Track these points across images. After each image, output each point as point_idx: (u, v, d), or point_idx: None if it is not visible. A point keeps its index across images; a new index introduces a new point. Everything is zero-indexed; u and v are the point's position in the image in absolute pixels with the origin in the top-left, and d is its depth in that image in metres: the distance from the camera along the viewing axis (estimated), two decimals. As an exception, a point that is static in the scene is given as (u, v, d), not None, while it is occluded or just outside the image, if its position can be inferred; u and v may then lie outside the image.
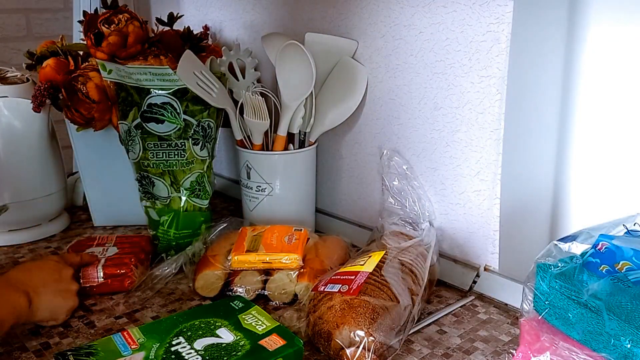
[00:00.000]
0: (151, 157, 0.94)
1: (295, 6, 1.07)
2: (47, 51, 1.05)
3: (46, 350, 0.74)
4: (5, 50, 1.44)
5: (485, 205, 0.85)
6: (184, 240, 0.98)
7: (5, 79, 1.07)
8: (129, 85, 0.93)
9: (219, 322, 0.72)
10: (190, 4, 1.33)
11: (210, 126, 0.97)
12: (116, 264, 0.88)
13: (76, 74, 0.98)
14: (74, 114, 0.99)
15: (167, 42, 1.04)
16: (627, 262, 0.58)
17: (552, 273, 0.58)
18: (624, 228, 0.63)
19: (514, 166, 0.82)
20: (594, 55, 0.77)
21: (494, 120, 0.81)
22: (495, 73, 0.79)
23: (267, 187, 0.99)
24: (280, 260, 0.83)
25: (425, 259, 0.82)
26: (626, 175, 0.77)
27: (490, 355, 0.71)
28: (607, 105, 0.77)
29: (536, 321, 0.59)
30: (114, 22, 0.97)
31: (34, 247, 1.06)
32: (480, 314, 0.81)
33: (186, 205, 0.97)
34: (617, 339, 0.51)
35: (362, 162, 1.03)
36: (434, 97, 0.88)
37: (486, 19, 0.78)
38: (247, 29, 1.20)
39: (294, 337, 0.69)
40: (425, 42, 0.87)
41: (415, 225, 0.91)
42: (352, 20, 0.98)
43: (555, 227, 0.85)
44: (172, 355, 0.65)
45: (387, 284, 0.73)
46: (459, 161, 0.87)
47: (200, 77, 0.93)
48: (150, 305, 0.85)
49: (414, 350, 0.73)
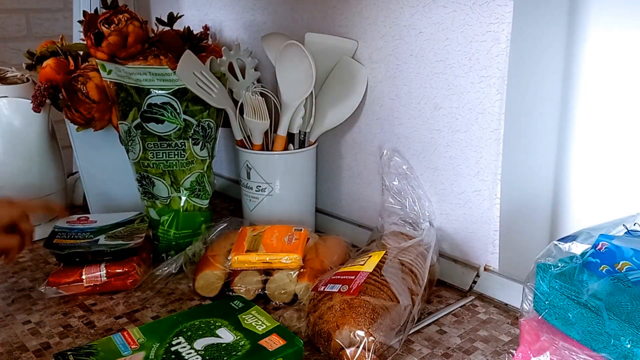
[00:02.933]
0: (151, 157, 0.94)
1: (295, 6, 1.07)
2: (47, 51, 1.05)
3: (46, 350, 0.74)
4: (5, 50, 1.44)
5: (485, 205, 0.85)
6: (184, 240, 0.98)
7: (5, 79, 1.07)
8: (129, 85, 0.93)
9: (219, 322, 0.72)
10: (190, 4, 1.33)
11: (210, 126, 0.97)
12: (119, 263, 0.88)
13: (76, 74, 0.98)
14: (74, 114, 0.99)
15: (167, 42, 1.05)
16: (627, 262, 0.58)
17: (552, 273, 0.58)
18: (624, 228, 0.63)
19: (514, 166, 0.82)
20: (594, 55, 0.77)
21: (494, 120, 0.81)
22: (495, 73, 0.79)
23: (267, 187, 0.99)
24: (280, 260, 0.83)
25: (425, 259, 0.82)
26: (626, 175, 0.77)
27: (490, 355, 0.71)
28: (607, 105, 0.77)
29: (536, 321, 0.59)
30: (114, 22, 0.97)
31: (34, 247, 1.05)
32: (480, 314, 0.81)
33: (186, 205, 0.97)
34: (617, 339, 0.51)
35: (362, 162, 1.03)
36: (434, 97, 0.88)
37: (486, 19, 0.78)
38: (247, 29, 1.20)
39: (294, 337, 0.69)
40: (425, 42, 0.87)
41: (415, 225, 0.91)
42: (352, 20, 0.98)
43: (555, 227, 0.85)
44: (172, 355, 0.65)
45: (387, 284, 0.73)
46: (459, 161, 0.87)
47: (200, 77, 0.93)
48: (150, 305, 0.85)
49: (414, 350, 0.73)
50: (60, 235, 0.92)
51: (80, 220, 0.97)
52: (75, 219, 0.97)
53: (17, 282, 0.93)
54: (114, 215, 0.99)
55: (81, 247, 0.88)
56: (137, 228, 0.94)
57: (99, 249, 0.88)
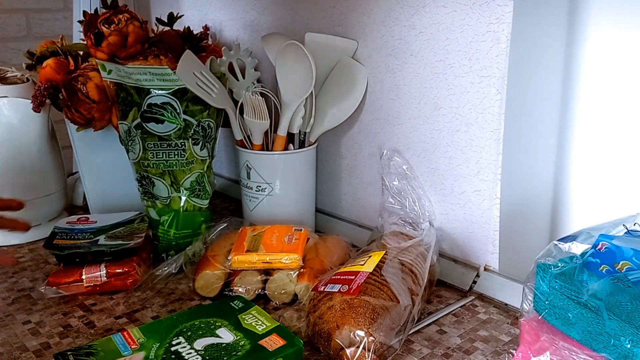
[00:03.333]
0: (151, 157, 0.94)
1: (295, 6, 1.07)
2: (47, 51, 1.05)
3: (46, 350, 0.74)
4: (5, 50, 1.44)
5: (485, 205, 0.85)
6: (184, 240, 0.98)
7: (5, 79, 1.07)
8: (129, 85, 0.93)
9: (219, 322, 0.72)
10: (190, 4, 1.33)
11: (210, 126, 0.97)
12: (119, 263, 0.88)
13: (76, 74, 0.98)
14: (74, 114, 0.99)
15: (167, 42, 1.05)
16: (627, 262, 0.58)
17: (552, 273, 0.58)
18: (624, 228, 0.63)
19: (514, 166, 0.82)
20: (594, 55, 0.76)
21: (494, 120, 0.81)
22: (495, 73, 0.79)
23: (267, 187, 0.99)
24: (280, 260, 0.83)
25: (425, 259, 0.82)
26: (626, 175, 0.77)
27: (490, 355, 0.71)
28: (607, 105, 0.77)
29: (536, 321, 0.59)
30: (114, 22, 0.97)
31: (34, 247, 1.06)
32: (480, 314, 0.81)
33: (186, 205, 0.97)
34: (617, 339, 0.51)
35: (362, 162, 1.03)
36: (434, 97, 0.88)
37: (486, 19, 0.78)
38: (247, 29, 1.20)
39: (294, 337, 0.69)
40: (425, 42, 0.87)
41: (415, 225, 0.91)
42: (352, 20, 0.98)
43: (555, 227, 0.85)
44: (172, 355, 0.65)
45: (387, 284, 0.73)
46: (459, 161, 0.87)
47: (200, 77, 0.93)
48: (150, 305, 0.85)
49: (414, 350, 0.73)
50: (60, 235, 0.92)
51: (80, 220, 0.97)
52: (75, 219, 0.97)
53: (17, 282, 0.93)
54: (114, 215, 0.99)
55: (81, 247, 0.88)
56: (137, 228, 0.94)
57: (99, 249, 0.88)
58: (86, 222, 0.96)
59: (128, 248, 0.88)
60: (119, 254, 0.88)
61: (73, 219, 0.98)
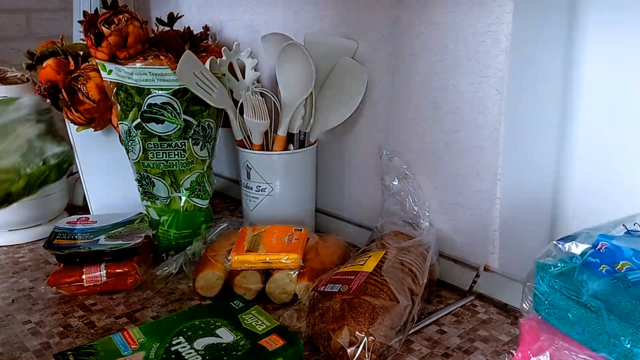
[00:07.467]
0: (151, 157, 0.94)
1: (295, 6, 1.07)
2: (47, 51, 1.05)
3: (46, 350, 0.74)
4: (5, 50, 1.44)
5: (485, 205, 0.85)
6: (184, 240, 0.98)
7: (5, 79, 1.07)
8: (129, 85, 0.93)
9: (219, 322, 0.72)
10: (190, 4, 1.33)
11: (210, 126, 0.97)
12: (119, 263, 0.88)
13: (76, 74, 0.98)
14: (74, 114, 0.99)
15: (167, 42, 1.04)
16: (627, 262, 0.58)
17: (552, 273, 0.58)
18: (624, 228, 0.63)
19: (514, 166, 0.82)
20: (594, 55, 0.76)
21: (494, 120, 0.81)
22: (495, 73, 0.79)
23: (267, 187, 0.99)
24: (280, 260, 0.83)
25: (425, 259, 0.82)
26: (626, 175, 0.76)
27: (490, 355, 0.71)
28: (607, 105, 0.77)
29: (536, 321, 0.59)
30: (114, 22, 0.97)
31: (34, 247, 1.06)
32: (480, 313, 0.81)
33: (186, 205, 0.97)
34: (617, 339, 0.51)
35: (362, 162, 1.03)
36: (434, 97, 0.88)
37: (486, 19, 0.78)
38: (247, 29, 1.20)
39: (294, 337, 0.69)
40: (425, 42, 0.87)
41: (415, 225, 0.91)
42: (352, 20, 0.98)
43: (555, 227, 0.85)
44: (172, 355, 0.66)
45: (387, 284, 0.73)
46: (458, 161, 0.87)
47: (200, 77, 0.93)
48: (150, 305, 0.85)
49: (414, 350, 0.73)
50: (61, 235, 0.92)
51: (80, 220, 0.97)
52: (75, 220, 0.97)
53: (17, 282, 0.93)
54: (114, 215, 0.99)
55: (81, 248, 0.88)
56: (137, 228, 0.94)
57: (99, 249, 0.88)
58: (86, 222, 0.96)
59: (128, 248, 0.88)
60: (119, 254, 0.88)
61: (73, 219, 0.98)
